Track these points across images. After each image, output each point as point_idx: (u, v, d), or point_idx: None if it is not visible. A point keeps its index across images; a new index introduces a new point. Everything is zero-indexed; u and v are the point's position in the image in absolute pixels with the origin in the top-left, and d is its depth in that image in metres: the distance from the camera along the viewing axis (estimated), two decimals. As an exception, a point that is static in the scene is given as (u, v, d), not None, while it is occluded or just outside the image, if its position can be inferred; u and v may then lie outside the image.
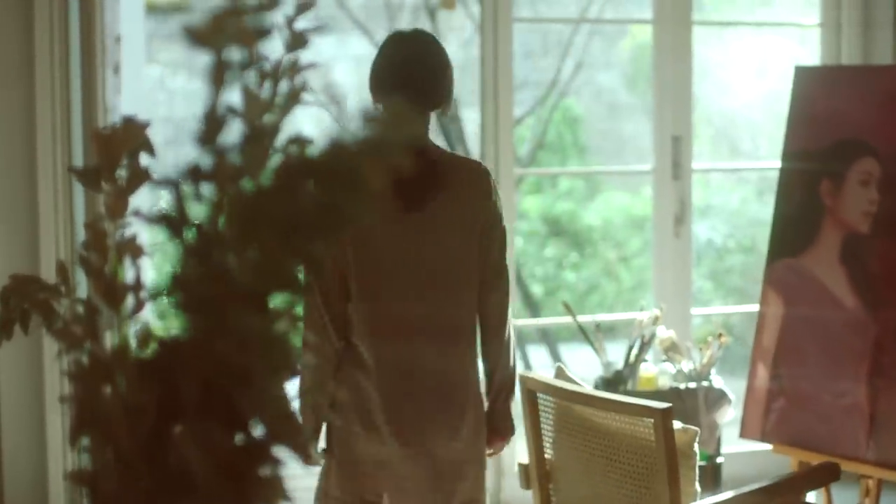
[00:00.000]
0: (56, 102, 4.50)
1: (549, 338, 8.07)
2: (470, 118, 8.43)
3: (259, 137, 1.11)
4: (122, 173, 1.29)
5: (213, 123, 1.09)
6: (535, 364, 8.06)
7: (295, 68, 1.13)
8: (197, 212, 1.10)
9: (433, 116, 3.01)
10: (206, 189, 1.08)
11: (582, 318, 4.59)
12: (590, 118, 9.26)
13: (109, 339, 1.14)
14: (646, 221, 7.63)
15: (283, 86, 1.14)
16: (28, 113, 4.46)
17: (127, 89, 6.52)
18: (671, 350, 4.34)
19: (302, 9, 1.17)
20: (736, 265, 8.66)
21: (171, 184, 1.10)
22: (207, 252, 1.07)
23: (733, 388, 4.70)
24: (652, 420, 2.86)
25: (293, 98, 1.15)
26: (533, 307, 8.21)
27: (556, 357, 7.62)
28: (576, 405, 3.09)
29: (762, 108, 8.09)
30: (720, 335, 4.37)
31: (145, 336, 1.12)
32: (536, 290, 8.70)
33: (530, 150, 8.30)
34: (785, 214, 4.12)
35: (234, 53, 1.09)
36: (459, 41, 7.73)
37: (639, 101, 8.68)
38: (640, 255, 8.81)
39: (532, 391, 3.22)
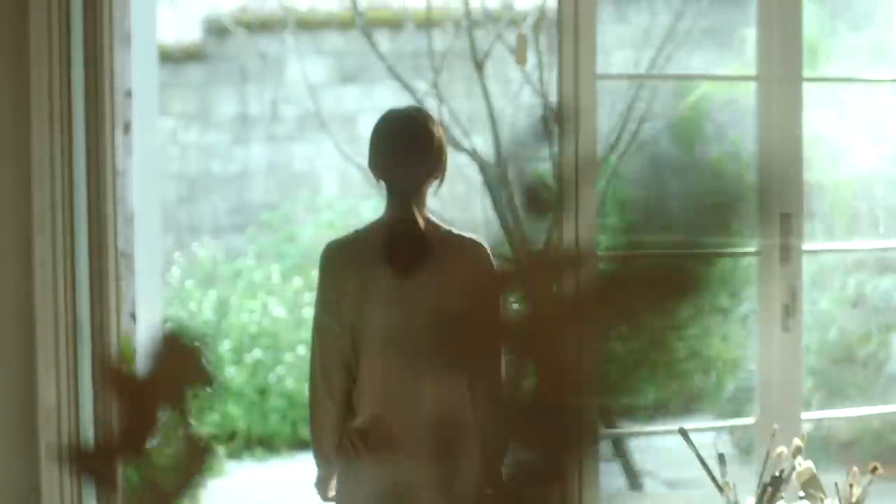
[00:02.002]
0: (56, 171, 3.81)
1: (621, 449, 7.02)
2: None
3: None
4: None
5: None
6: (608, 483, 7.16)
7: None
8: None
9: (432, 187, 3.23)
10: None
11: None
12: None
13: None
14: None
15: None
16: (23, 189, 3.73)
17: (139, 148, 5.83)
18: (811, 485, 3.53)
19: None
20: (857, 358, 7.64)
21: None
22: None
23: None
24: None
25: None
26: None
27: (632, 477, 6.65)
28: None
29: (883, 178, 7.26)
30: (874, 468, 3.54)
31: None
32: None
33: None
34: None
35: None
36: (508, 93, 7.00)
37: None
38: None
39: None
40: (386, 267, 3.14)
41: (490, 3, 6.74)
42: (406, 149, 3.22)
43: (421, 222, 3.20)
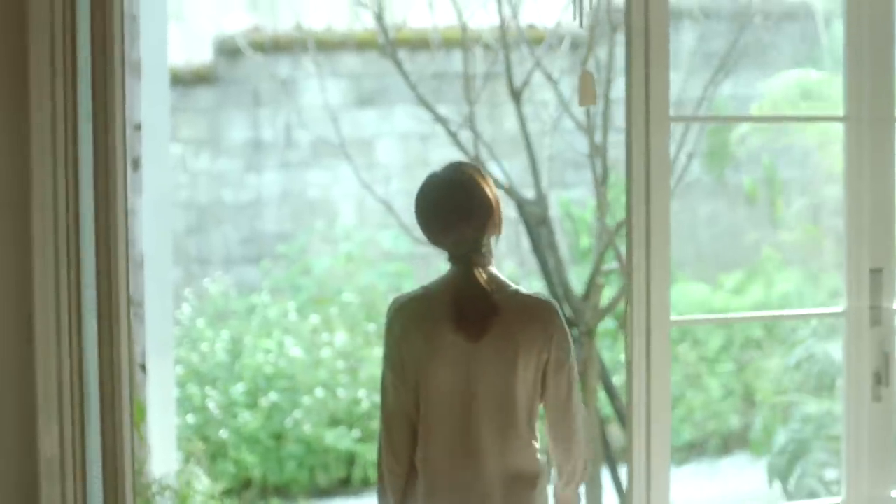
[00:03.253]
0: (60, 217, 3.46)
1: None
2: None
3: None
4: None
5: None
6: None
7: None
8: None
9: (490, 242, 3.22)
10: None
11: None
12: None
13: None
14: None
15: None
16: (23, 242, 3.35)
17: (149, 183, 5.44)
18: None
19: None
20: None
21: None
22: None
23: None
24: None
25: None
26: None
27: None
28: None
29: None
30: None
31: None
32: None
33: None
34: None
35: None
36: (542, 123, 6.58)
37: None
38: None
39: None
40: (453, 328, 3.13)
41: (529, 23, 6.32)
42: (455, 216, 3.18)
43: (485, 283, 3.18)
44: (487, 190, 3.23)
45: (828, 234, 8.08)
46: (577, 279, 6.57)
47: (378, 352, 8.08)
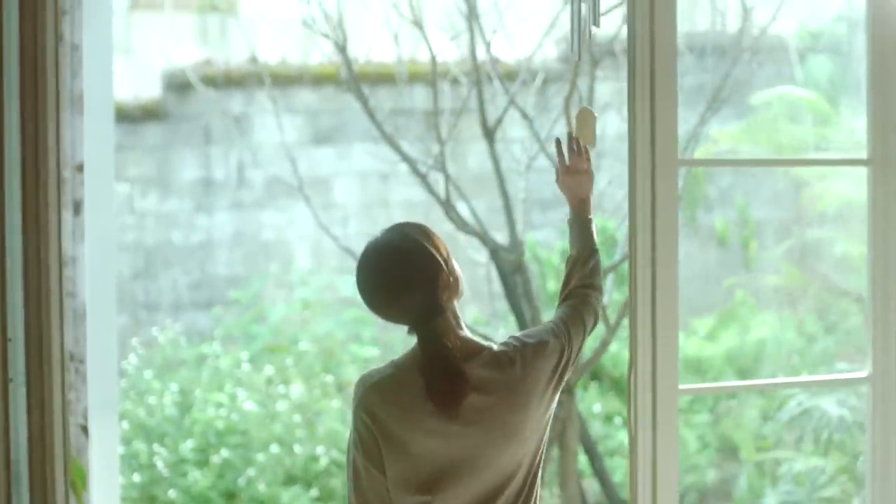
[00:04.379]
0: None
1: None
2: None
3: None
4: None
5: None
6: None
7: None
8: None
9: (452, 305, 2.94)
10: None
11: None
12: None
13: None
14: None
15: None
16: None
17: (91, 227, 5.00)
18: None
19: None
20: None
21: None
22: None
23: None
24: None
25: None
26: None
27: None
28: None
29: None
30: None
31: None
32: None
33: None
34: None
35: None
36: (516, 163, 6.22)
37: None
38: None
39: None
40: (430, 408, 2.86)
41: (496, 57, 6.00)
42: (396, 286, 2.89)
43: (453, 351, 2.89)
44: (432, 251, 2.94)
45: (814, 278, 7.81)
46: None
47: (337, 403, 7.89)
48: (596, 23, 3.11)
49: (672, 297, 3.32)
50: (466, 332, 2.96)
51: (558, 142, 3.23)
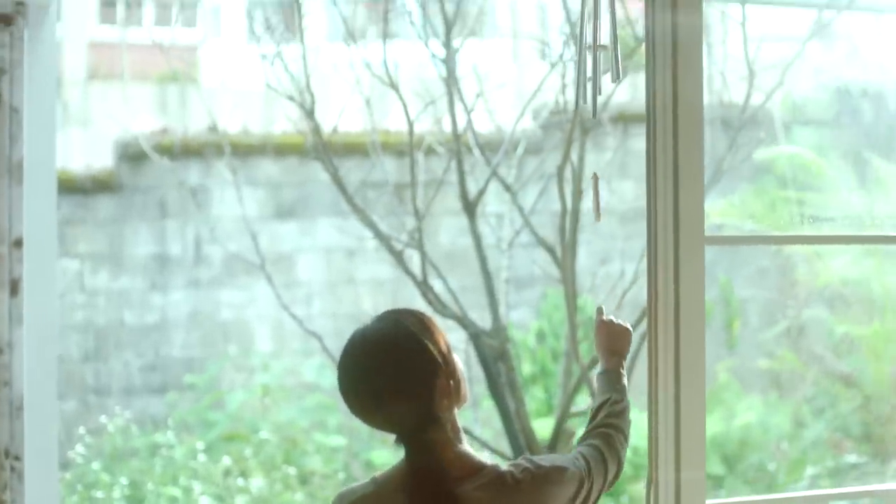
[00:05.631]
0: None
1: None
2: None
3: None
4: None
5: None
6: None
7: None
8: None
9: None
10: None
11: None
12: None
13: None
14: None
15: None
16: None
17: (31, 308, 4.80)
18: None
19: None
20: None
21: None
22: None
23: None
24: None
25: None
26: None
27: None
28: None
29: None
30: None
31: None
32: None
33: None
34: None
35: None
36: (498, 239, 5.94)
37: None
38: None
39: None
40: None
41: (482, 125, 5.77)
42: (383, 388, 2.54)
43: (451, 467, 2.56)
44: (431, 347, 2.57)
45: (810, 362, 7.59)
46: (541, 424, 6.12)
47: (300, 497, 7.72)
48: (616, 76, 2.77)
49: (699, 408, 2.95)
50: (466, 447, 2.59)
51: (600, 310, 2.94)
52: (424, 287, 5.38)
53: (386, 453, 7.65)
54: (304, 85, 5.42)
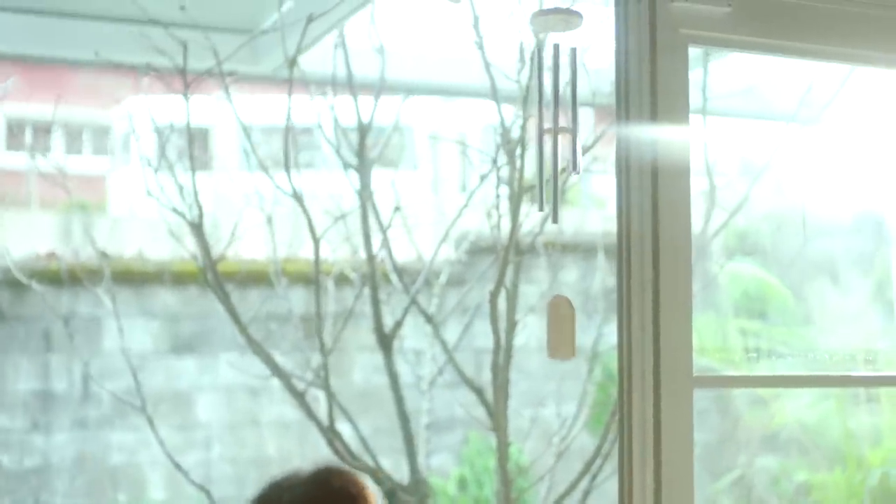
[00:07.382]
0: None
1: None
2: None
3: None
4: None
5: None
6: None
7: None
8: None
9: None
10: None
11: None
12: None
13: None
14: None
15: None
16: None
17: None
18: None
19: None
20: None
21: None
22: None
23: None
24: None
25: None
26: None
27: None
28: None
29: None
30: None
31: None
32: None
33: None
34: None
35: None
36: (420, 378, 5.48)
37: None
38: None
39: None
40: None
41: (401, 254, 5.38)
42: None
43: None
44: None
45: None
46: None
47: None
48: (576, 168, 2.30)
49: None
50: None
51: None
52: (331, 433, 4.86)
53: None
54: (192, 196, 4.96)
